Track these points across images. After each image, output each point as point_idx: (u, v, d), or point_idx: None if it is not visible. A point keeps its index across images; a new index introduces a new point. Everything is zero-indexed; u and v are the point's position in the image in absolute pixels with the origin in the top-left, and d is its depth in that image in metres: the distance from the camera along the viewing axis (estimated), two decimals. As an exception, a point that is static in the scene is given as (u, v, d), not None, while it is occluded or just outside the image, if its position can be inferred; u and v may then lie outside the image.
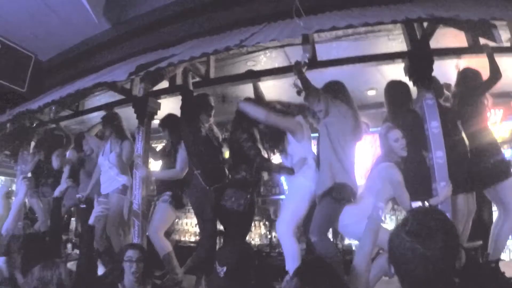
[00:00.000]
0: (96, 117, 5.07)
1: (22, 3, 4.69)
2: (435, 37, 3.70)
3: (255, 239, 6.26)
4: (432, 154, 3.36)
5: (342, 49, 4.21)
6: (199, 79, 4.48)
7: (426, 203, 2.76)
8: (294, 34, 2.84)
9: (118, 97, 5.00)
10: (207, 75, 4.42)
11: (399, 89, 3.71)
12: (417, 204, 2.98)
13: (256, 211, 4.57)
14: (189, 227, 7.27)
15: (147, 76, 3.95)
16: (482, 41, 3.75)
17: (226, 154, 4.22)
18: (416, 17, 2.71)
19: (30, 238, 3.62)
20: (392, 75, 4.44)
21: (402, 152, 3.22)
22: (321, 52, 3.89)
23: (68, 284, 2.56)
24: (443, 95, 3.81)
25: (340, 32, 3.91)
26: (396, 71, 4.14)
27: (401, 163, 3.25)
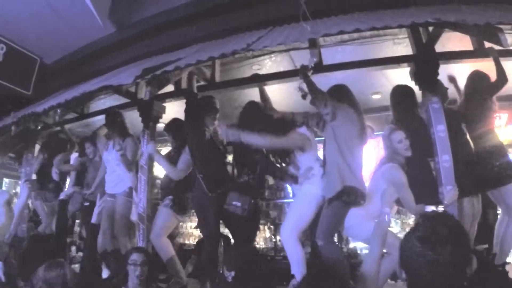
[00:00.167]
0: (101, 120, 5.07)
1: (28, 6, 4.71)
2: (440, 41, 3.70)
3: (260, 243, 6.23)
4: (438, 158, 3.35)
5: (347, 53, 4.21)
6: (205, 83, 4.48)
7: (439, 208, 2.74)
8: (301, 38, 2.84)
9: (123, 101, 5.01)
10: (213, 79, 4.43)
11: (405, 94, 3.72)
12: (430, 209, 2.97)
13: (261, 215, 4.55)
14: (193, 230, 7.24)
15: (153, 80, 3.95)
16: (487, 45, 3.77)
17: (230, 158, 4.22)
18: (423, 22, 2.71)
19: (34, 240, 3.63)
20: (397, 79, 4.46)
21: (406, 153, 3.23)
22: (326, 56, 3.90)
23: (73, 284, 2.56)
24: (448, 99, 3.81)
25: (346, 36, 3.91)
26: (401, 75, 4.14)
27: (405, 165, 3.25)
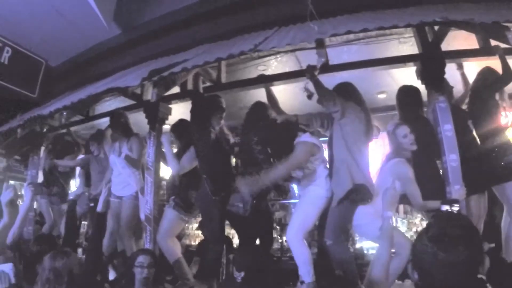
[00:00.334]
0: (107, 123, 5.08)
1: (32, 9, 4.73)
2: (446, 39, 3.69)
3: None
4: (446, 157, 3.35)
5: (353, 53, 4.20)
6: (211, 84, 4.48)
7: (454, 208, 2.73)
8: (309, 39, 2.84)
9: (128, 102, 5.00)
10: (219, 80, 4.43)
11: (410, 94, 3.72)
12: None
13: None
14: (199, 232, 7.23)
15: (160, 81, 3.95)
16: (493, 43, 3.76)
17: (234, 159, 4.22)
18: (431, 21, 2.71)
19: (39, 242, 3.62)
20: (403, 78, 4.46)
21: (411, 147, 3.25)
22: (332, 56, 3.89)
23: (79, 274, 2.57)
24: (453, 98, 3.81)
25: (351, 36, 3.89)
26: (407, 74, 4.15)
27: (411, 159, 3.25)
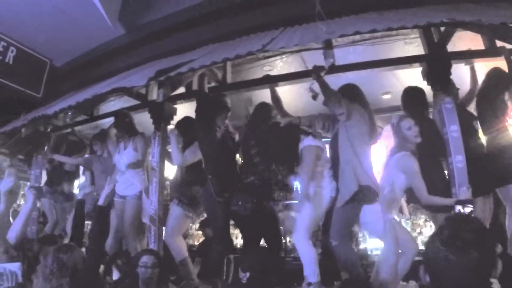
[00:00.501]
0: (111, 123, 5.07)
1: (37, 9, 4.72)
2: (451, 40, 3.69)
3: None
4: (452, 158, 3.34)
5: (358, 53, 4.20)
6: (216, 84, 4.48)
7: (466, 209, 2.73)
8: (317, 39, 2.84)
9: (133, 102, 5.00)
10: (224, 80, 4.43)
11: (415, 95, 3.72)
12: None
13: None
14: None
15: (166, 82, 3.95)
16: (499, 44, 3.76)
17: (238, 158, 4.22)
18: (439, 22, 2.71)
19: (43, 242, 3.61)
20: (408, 79, 4.47)
21: (416, 140, 3.25)
22: (338, 57, 3.83)
23: (82, 268, 2.56)
24: (459, 99, 3.81)
25: (358, 36, 3.90)
26: (411, 75, 4.15)
27: (416, 152, 3.26)
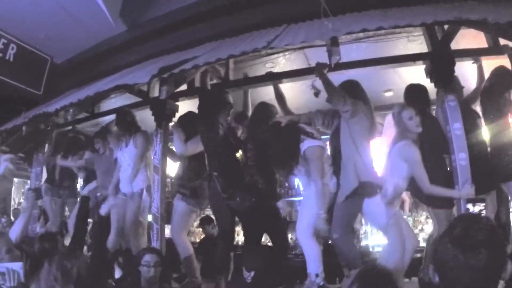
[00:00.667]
0: (112, 120, 5.06)
1: (38, 6, 4.67)
2: (454, 38, 3.69)
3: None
4: (455, 156, 3.35)
5: (362, 51, 4.20)
6: (218, 81, 4.47)
7: (477, 207, 2.75)
8: (323, 36, 2.83)
9: (134, 100, 4.98)
10: (227, 77, 4.41)
11: (418, 93, 3.73)
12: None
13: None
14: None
15: (169, 79, 3.93)
16: (502, 42, 3.76)
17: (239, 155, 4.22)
18: (445, 20, 2.70)
19: (43, 239, 3.61)
20: (410, 77, 4.46)
21: (417, 129, 3.27)
22: (341, 54, 3.87)
23: (87, 276, 2.55)
24: (463, 96, 3.81)
25: (361, 34, 3.88)
26: (413, 72, 4.14)
27: (418, 141, 3.28)
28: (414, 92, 3.76)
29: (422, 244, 4.92)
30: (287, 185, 6.08)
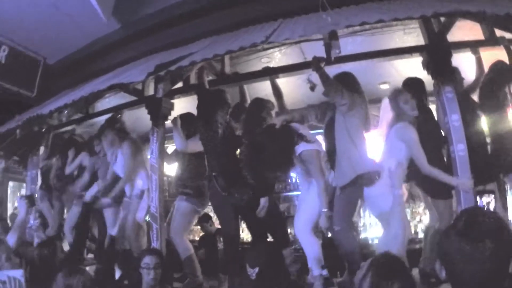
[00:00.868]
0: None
1: (29, 6, 4.60)
2: (450, 30, 3.69)
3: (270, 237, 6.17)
4: (454, 147, 3.35)
5: (358, 44, 4.17)
6: (214, 78, 4.42)
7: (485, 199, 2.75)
8: (322, 30, 2.81)
9: (129, 98, 4.92)
10: (223, 73, 4.37)
11: (415, 86, 3.72)
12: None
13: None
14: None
15: (166, 76, 3.88)
16: (498, 33, 3.77)
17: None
18: (445, 12, 2.69)
19: (42, 246, 3.56)
20: (405, 69, 4.46)
21: (414, 113, 3.28)
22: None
23: None
24: (463, 87, 3.82)
25: (357, 27, 3.87)
26: (409, 65, 4.14)
27: (415, 122, 3.29)
28: (412, 86, 3.76)
29: (421, 235, 4.95)
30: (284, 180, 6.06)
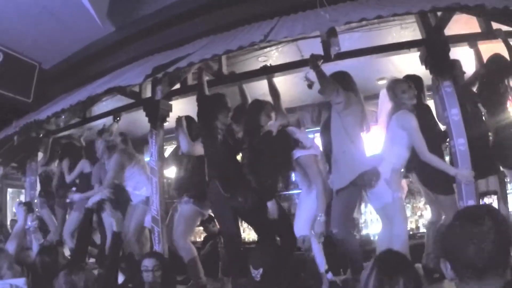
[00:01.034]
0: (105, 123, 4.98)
1: (23, 11, 4.55)
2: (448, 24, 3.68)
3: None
4: (454, 141, 3.35)
5: (355, 40, 4.15)
6: (212, 78, 4.39)
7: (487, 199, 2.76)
8: (321, 27, 2.79)
9: (126, 101, 4.89)
10: (220, 73, 4.34)
11: (413, 84, 3.72)
12: None
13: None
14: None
15: (164, 78, 3.85)
16: (495, 26, 3.76)
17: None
18: (444, 6, 2.68)
19: (43, 252, 3.53)
20: (403, 65, 4.47)
21: (412, 101, 3.31)
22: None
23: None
24: (464, 80, 3.82)
25: (354, 23, 3.86)
26: (407, 60, 4.14)
27: (414, 109, 3.31)
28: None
29: (423, 230, 4.96)
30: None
